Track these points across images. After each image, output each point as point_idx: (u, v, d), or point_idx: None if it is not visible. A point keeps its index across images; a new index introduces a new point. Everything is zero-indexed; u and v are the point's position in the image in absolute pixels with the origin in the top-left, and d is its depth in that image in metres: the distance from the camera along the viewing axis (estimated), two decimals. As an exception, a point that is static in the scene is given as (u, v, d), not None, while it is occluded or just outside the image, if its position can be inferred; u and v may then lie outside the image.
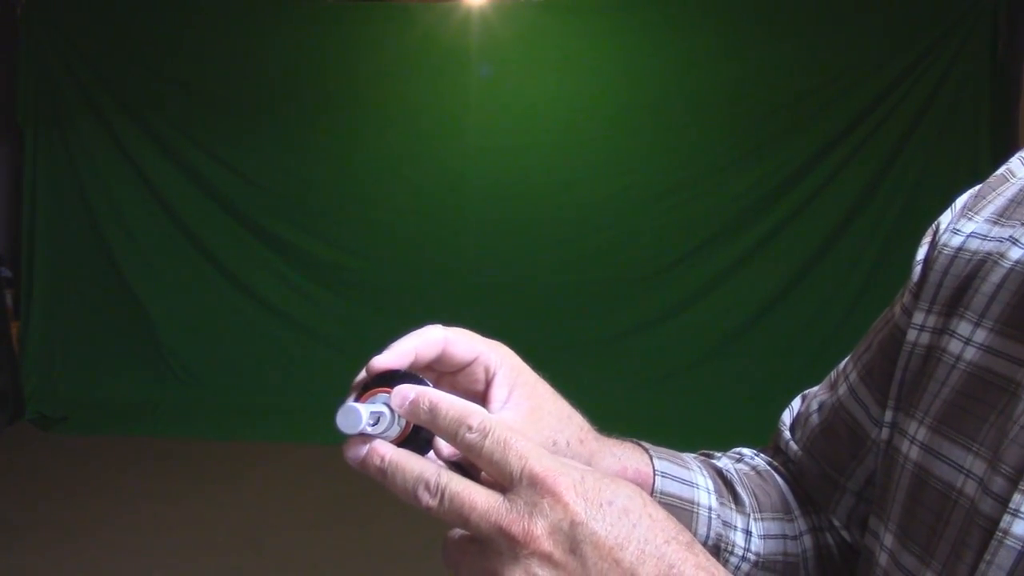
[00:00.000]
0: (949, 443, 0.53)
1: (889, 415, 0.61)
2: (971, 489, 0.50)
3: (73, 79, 4.54)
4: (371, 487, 0.47)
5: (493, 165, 4.46)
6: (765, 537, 0.69)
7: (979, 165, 4.01)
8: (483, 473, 0.45)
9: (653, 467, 0.65)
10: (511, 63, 4.41)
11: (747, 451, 0.78)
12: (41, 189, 4.61)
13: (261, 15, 4.50)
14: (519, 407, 0.56)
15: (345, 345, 4.50)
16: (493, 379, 0.56)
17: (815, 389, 0.75)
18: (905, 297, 0.64)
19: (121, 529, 3.19)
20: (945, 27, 4.07)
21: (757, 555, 0.68)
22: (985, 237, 0.58)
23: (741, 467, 0.74)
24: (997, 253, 0.55)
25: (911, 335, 0.60)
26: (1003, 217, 0.58)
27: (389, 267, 4.59)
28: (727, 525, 0.67)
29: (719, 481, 0.70)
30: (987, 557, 0.46)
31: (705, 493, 0.67)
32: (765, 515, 0.70)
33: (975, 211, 0.61)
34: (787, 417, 0.76)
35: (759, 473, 0.74)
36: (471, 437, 0.44)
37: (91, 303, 4.67)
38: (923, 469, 0.54)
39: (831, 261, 4.34)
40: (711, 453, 0.76)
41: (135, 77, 4.54)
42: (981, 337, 0.53)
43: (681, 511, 0.65)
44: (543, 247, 4.50)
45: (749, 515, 0.69)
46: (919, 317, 0.60)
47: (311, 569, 2.96)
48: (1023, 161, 0.61)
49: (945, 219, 0.63)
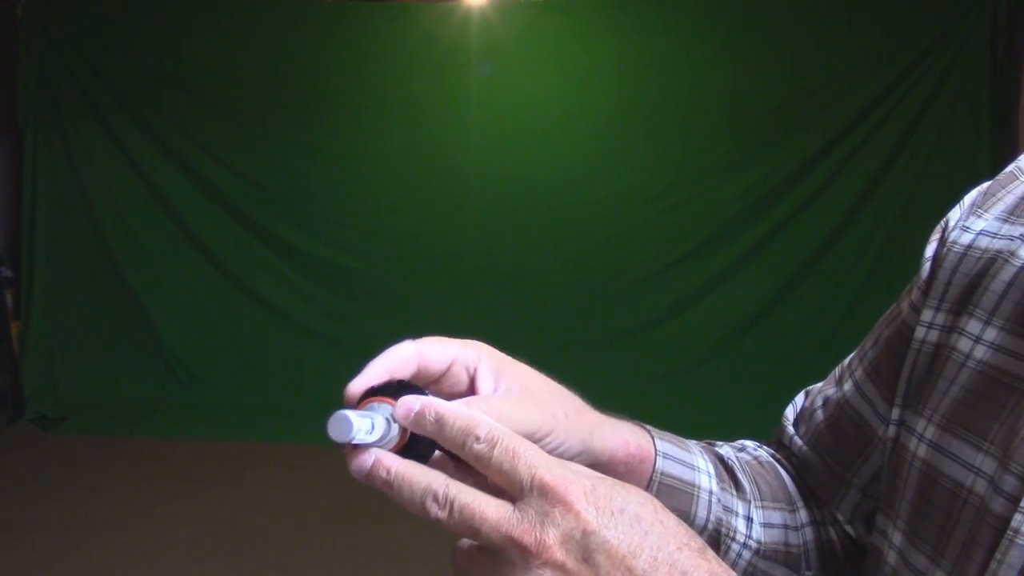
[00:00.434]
0: (959, 441, 0.52)
1: (896, 412, 0.61)
2: (981, 488, 0.49)
3: (73, 79, 4.53)
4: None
5: (493, 165, 4.46)
6: (766, 526, 0.68)
7: (979, 165, 4.01)
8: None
9: (655, 447, 0.64)
10: (511, 63, 4.41)
11: (750, 443, 0.77)
12: (41, 189, 4.60)
13: (261, 15, 4.50)
14: (509, 391, 0.55)
15: (345, 345, 4.50)
16: (476, 373, 0.56)
17: (819, 385, 0.75)
18: (913, 294, 0.64)
19: (121, 529, 3.19)
20: (945, 27, 4.06)
21: (759, 543, 0.67)
22: (995, 235, 0.58)
23: (743, 456, 0.74)
24: (1007, 252, 0.55)
25: (919, 333, 0.60)
26: (1013, 215, 0.58)
27: (389, 267, 4.59)
28: (728, 510, 0.66)
29: (720, 467, 0.69)
30: (998, 556, 0.46)
31: (706, 476, 0.66)
32: (766, 504, 0.69)
33: (985, 208, 0.60)
34: (790, 412, 0.76)
35: (761, 463, 0.73)
36: (479, 448, 0.44)
37: (91, 303, 4.66)
38: (932, 467, 0.54)
39: (831, 261, 4.33)
40: (713, 442, 0.75)
41: (135, 77, 4.53)
42: (991, 336, 0.53)
43: (682, 493, 0.64)
44: (543, 247, 4.49)
45: (750, 502, 0.68)
46: (928, 315, 0.60)
47: (311, 569, 2.96)
48: None
49: (954, 216, 0.63)
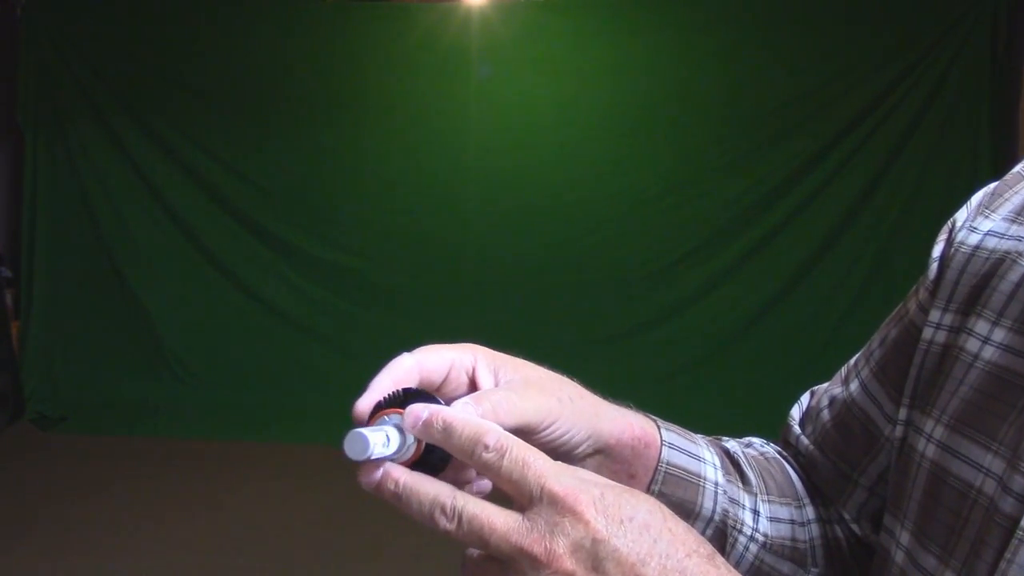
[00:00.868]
0: (967, 442, 0.52)
1: (904, 413, 0.61)
2: (990, 488, 0.49)
3: (73, 79, 4.52)
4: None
5: (493, 165, 4.46)
6: (773, 520, 0.67)
7: (979, 165, 4.02)
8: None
9: (660, 437, 0.64)
10: (511, 63, 4.41)
11: (757, 440, 0.77)
12: (41, 189, 4.60)
13: (261, 15, 4.50)
14: (511, 383, 0.55)
15: (345, 345, 4.50)
16: (475, 374, 0.56)
17: (824, 385, 0.74)
18: (921, 294, 0.64)
19: (121, 529, 3.19)
20: (945, 27, 4.06)
21: (765, 536, 0.66)
22: (1003, 236, 0.58)
23: (750, 451, 0.73)
24: (1015, 252, 0.55)
25: (927, 333, 0.60)
26: (1021, 216, 0.58)
27: (389, 267, 4.59)
28: (734, 502, 0.66)
29: (726, 460, 0.69)
30: (1007, 556, 0.46)
31: (711, 468, 0.65)
32: (773, 498, 0.69)
33: (992, 209, 0.60)
34: (796, 412, 0.75)
35: (768, 459, 0.73)
36: (488, 456, 0.44)
37: (91, 303, 4.66)
38: (940, 468, 0.54)
39: (831, 261, 4.33)
40: (719, 437, 0.74)
41: (135, 77, 4.53)
42: (1000, 336, 0.53)
43: (688, 484, 0.63)
44: (543, 247, 4.49)
45: (756, 495, 0.68)
46: (935, 315, 0.60)
47: (311, 569, 2.96)
48: None
49: (961, 216, 0.63)
